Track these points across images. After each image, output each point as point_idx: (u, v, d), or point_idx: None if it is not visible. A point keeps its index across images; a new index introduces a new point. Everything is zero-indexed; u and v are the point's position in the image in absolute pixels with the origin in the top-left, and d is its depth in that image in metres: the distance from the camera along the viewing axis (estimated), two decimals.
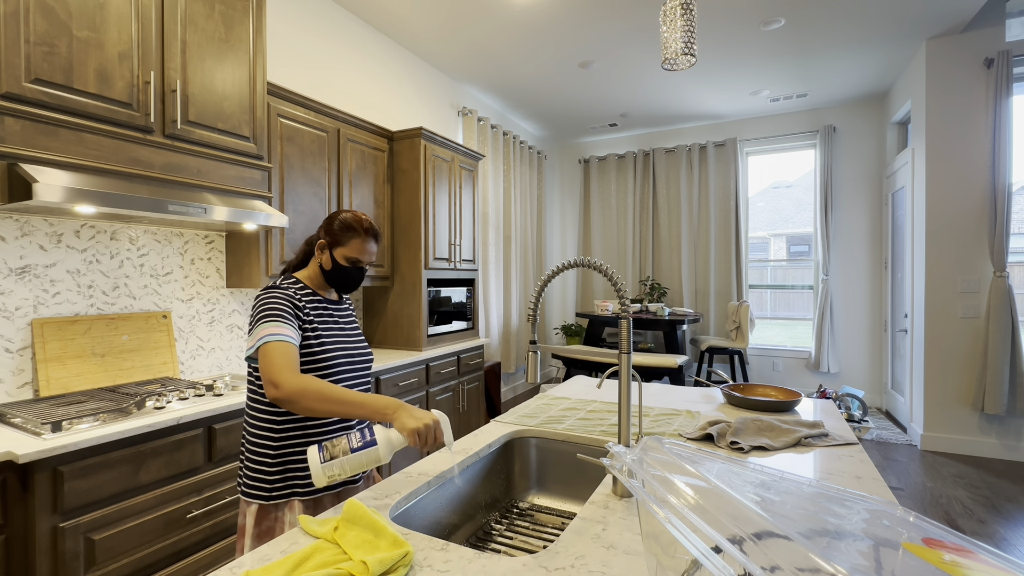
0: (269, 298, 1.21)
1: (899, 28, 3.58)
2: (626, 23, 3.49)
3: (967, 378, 3.72)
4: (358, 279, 1.35)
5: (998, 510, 2.89)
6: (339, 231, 1.31)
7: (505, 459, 1.48)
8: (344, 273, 1.32)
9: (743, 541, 0.48)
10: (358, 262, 1.32)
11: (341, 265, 1.31)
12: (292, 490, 1.19)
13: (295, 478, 1.20)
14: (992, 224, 3.56)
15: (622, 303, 1.08)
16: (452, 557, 0.82)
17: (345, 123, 2.83)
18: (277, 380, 1.07)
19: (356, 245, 1.31)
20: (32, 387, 1.83)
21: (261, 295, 1.23)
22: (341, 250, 1.30)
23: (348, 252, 1.30)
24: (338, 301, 1.38)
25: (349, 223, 1.31)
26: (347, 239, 1.30)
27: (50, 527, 1.41)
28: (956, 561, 0.45)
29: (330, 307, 1.34)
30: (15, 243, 1.79)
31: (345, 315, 1.38)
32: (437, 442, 1.04)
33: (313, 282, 1.34)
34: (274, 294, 1.22)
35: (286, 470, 1.20)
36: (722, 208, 5.64)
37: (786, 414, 1.64)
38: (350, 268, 1.32)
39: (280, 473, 1.19)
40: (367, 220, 1.34)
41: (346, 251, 1.30)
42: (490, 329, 4.90)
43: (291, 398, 1.06)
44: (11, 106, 1.47)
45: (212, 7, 2.02)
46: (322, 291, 1.35)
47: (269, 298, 1.21)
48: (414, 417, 1.03)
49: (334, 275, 1.32)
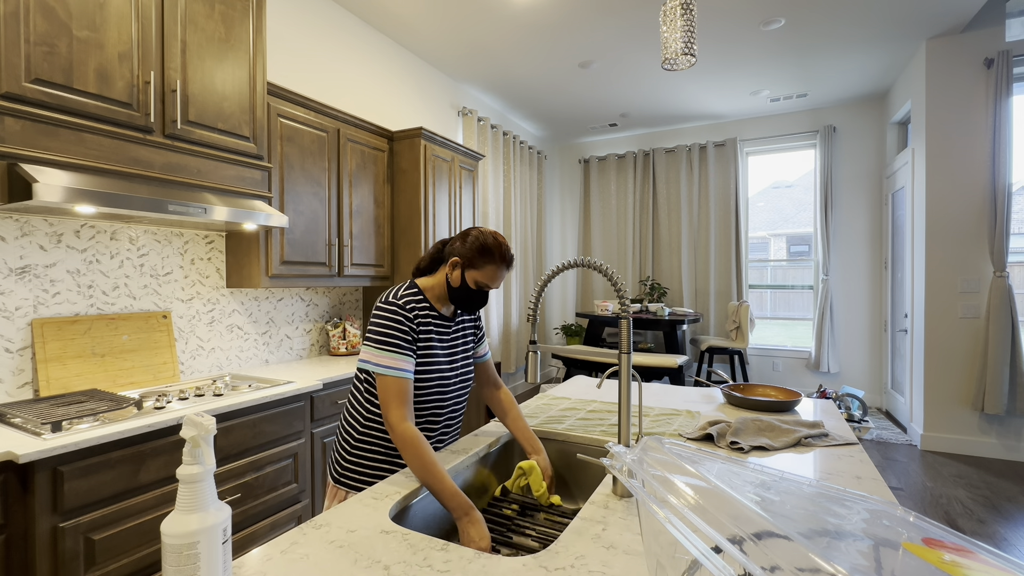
0: (395, 321, 1.21)
1: (899, 28, 3.58)
2: (626, 23, 3.49)
3: (967, 378, 3.72)
4: (482, 303, 1.31)
5: (998, 510, 2.89)
6: (477, 254, 1.25)
7: (505, 459, 1.48)
8: (470, 295, 1.28)
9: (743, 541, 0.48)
10: (487, 287, 1.28)
11: (469, 288, 1.27)
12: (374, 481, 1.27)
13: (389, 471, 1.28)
14: (992, 224, 3.56)
15: (622, 303, 1.08)
16: (452, 557, 0.82)
17: (345, 123, 2.83)
18: (391, 421, 1.15)
19: (490, 272, 1.26)
20: (32, 387, 1.83)
21: (388, 311, 1.22)
22: (474, 273, 1.26)
23: (480, 277, 1.26)
24: (451, 317, 1.35)
25: (489, 248, 1.25)
26: (482, 264, 1.25)
27: (50, 527, 1.41)
28: (956, 561, 0.45)
29: (442, 323, 1.32)
30: (15, 243, 1.79)
31: (455, 331, 1.36)
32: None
33: (433, 293, 1.31)
34: (398, 317, 1.22)
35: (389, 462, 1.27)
36: (722, 208, 5.64)
37: (786, 414, 1.64)
38: (476, 292, 1.28)
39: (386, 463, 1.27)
40: (506, 246, 1.28)
41: (478, 275, 1.26)
42: (490, 329, 4.89)
43: (396, 445, 1.14)
44: (11, 106, 1.47)
45: (212, 7, 2.02)
46: (440, 303, 1.33)
47: (395, 321, 1.21)
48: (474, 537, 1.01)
49: (460, 295, 1.28)
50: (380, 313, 1.23)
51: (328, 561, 0.81)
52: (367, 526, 0.93)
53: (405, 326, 1.21)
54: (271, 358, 2.74)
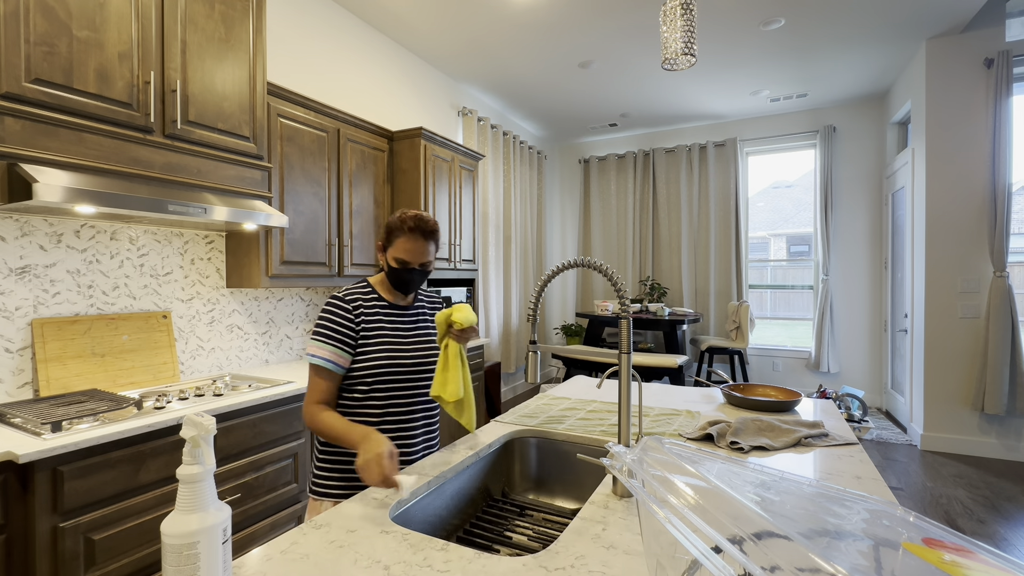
0: (326, 311, 1.27)
1: (899, 28, 3.58)
2: (626, 23, 3.49)
3: (967, 378, 3.72)
4: (409, 280, 1.32)
5: (998, 510, 2.89)
6: (387, 235, 1.31)
7: (505, 459, 1.48)
8: (395, 275, 1.31)
9: (743, 541, 0.48)
10: (406, 263, 1.29)
11: (391, 267, 1.31)
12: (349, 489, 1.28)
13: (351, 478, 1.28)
14: (992, 224, 3.56)
15: (622, 303, 1.08)
16: (452, 557, 0.82)
17: (345, 123, 2.83)
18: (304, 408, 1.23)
19: (401, 245, 1.29)
20: (32, 387, 1.83)
21: (324, 306, 1.28)
22: (391, 251, 1.30)
23: (395, 253, 1.29)
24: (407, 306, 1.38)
25: (391, 224, 1.31)
26: (393, 240, 1.30)
27: (50, 527, 1.41)
28: (956, 561, 0.45)
29: (393, 310, 1.34)
30: (15, 243, 1.79)
31: (414, 318, 1.38)
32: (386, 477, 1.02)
33: (384, 286, 1.37)
34: (330, 308, 1.27)
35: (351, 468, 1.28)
36: (722, 208, 5.64)
37: (786, 414, 1.64)
38: (400, 270, 1.30)
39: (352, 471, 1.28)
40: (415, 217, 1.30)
41: (394, 252, 1.30)
42: (490, 329, 4.89)
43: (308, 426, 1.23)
44: (11, 106, 1.47)
45: (212, 7, 2.02)
46: (390, 294, 1.36)
47: (326, 311, 1.27)
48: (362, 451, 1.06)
49: (391, 277, 1.33)
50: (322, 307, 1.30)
51: (328, 561, 0.81)
52: (367, 526, 0.93)
53: (338, 316, 1.26)
54: (271, 358, 2.74)
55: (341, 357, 1.25)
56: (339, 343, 1.25)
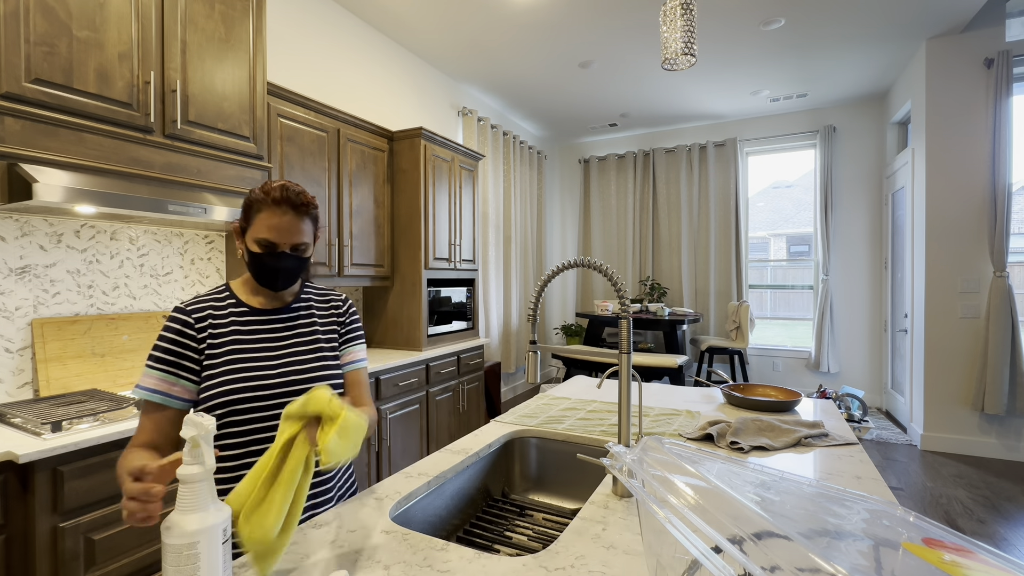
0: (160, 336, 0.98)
1: (899, 28, 3.58)
2: (626, 23, 3.49)
3: (967, 378, 3.72)
4: (276, 269, 1.01)
5: (998, 510, 2.89)
6: (244, 213, 1.02)
7: (505, 459, 1.48)
8: (257, 263, 1.00)
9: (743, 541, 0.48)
10: (272, 246, 0.99)
11: (252, 252, 1.01)
12: None
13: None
14: (992, 224, 3.56)
15: (622, 303, 1.08)
16: (452, 557, 0.82)
17: (345, 123, 2.83)
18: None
19: (263, 220, 0.99)
20: (32, 387, 1.83)
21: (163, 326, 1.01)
22: (251, 232, 1.01)
23: (258, 234, 0.99)
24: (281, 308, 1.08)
25: (250, 197, 1.01)
26: (254, 215, 1.00)
27: (50, 527, 1.41)
28: (956, 561, 0.45)
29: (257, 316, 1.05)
30: (15, 243, 1.79)
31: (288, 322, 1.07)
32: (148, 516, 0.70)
33: (245, 286, 1.08)
34: (169, 321, 0.99)
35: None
36: (722, 208, 5.65)
37: (786, 414, 1.64)
38: (263, 255, 1.00)
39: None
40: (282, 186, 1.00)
41: (255, 233, 1.00)
42: (490, 329, 4.90)
43: None
44: (11, 106, 1.47)
45: (212, 7, 2.02)
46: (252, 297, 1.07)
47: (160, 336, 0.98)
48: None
49: (252, 269, 1.02)
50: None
51: (328, 561, 0.81)
52: (367, 526, 0.93)
53: (172, 334, 0.98)
54: None
55: (176, 385, 0.96)
56: (173, 367, 0.96)
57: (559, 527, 1.24)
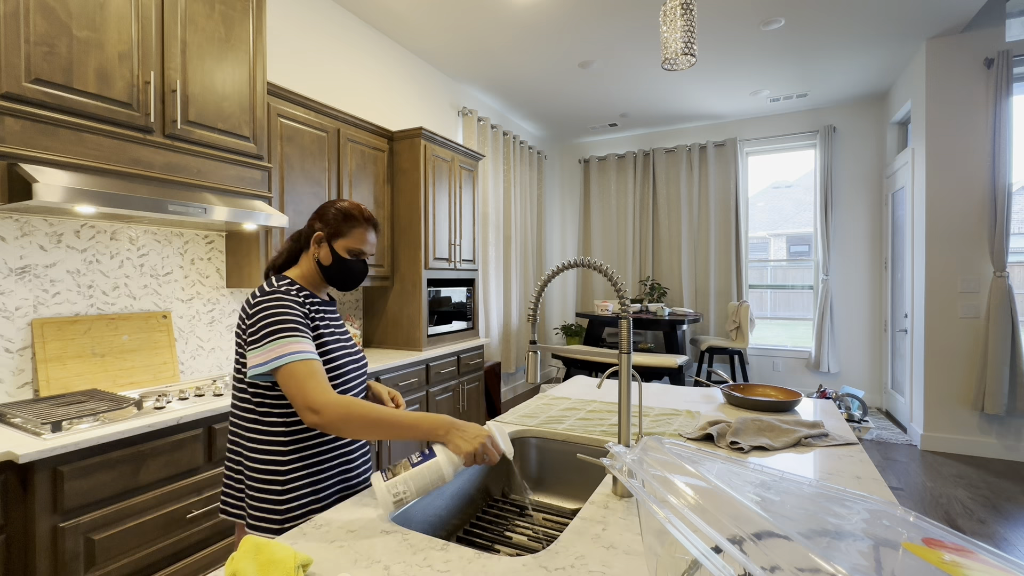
0: (279, 307, 1.06)
1: (899, 28, 3.58)
2: (626, 23, 3.49)
3: (967, 378, 3.72)
4: (362, 273, 1.23)
5: (998, 510, 2.89)
6: (339, 221, 1.18)
7: (505, 459, 1.48)
8: (346, 267, 1.19)
9: (743, 541, 0.48)
10: (361, 254, 1.20)
11: (343, 258, 1.18)
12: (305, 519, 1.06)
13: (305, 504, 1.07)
14: (992, 224, 3.56)
15: (622, 303, 1.08)
16: (452, 557, 0.82)
17: (345, 123, 2.83)
18: (317, 405, 0.96)
19: (359, 235, 1.19)
20: (32, 387, 1.83)
21: (266, 303, 1.06)
22: (343, 241, 1.18)
23: (351, 243, 1.18)
24: (329, 301, 1.26)
25: (350, 212, 1.19)
26: (348, 229, 1.18)
27: (50, 527, 1.41)
28: (956, 561, 0.45)
29: (324, 307, 1.21)
30: (15, 243, 1.79)
31: (337, 316, 1.27)
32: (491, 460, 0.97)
33: (308, 280, 1.21)
34: (283, 302, 1.07)
35: (298, 496, 1.07)
36: (722, 208, 5.65)
37: (786, 414, 1.64)
38: (353, 261, 1.20)
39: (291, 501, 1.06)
40: (367, 209, 1.25)
41: (348, 242, 1.18)
42: (490, 329, 4.90)
43: (335, 424, 0.96)
44: (11, 106, 1.47)
45: (212, 7, 2.02)
46: (317, 290, 1.22)
47: (279, 307, 1.06)
48: (466, 439, 0.96)
49: (335, 270, 1.19)
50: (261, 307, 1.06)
51: (328, 561, 0.81)
52: (367, 526, 0.93)
53: (296, 310, 1.08)
54: None
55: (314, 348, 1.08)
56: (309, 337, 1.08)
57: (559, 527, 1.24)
